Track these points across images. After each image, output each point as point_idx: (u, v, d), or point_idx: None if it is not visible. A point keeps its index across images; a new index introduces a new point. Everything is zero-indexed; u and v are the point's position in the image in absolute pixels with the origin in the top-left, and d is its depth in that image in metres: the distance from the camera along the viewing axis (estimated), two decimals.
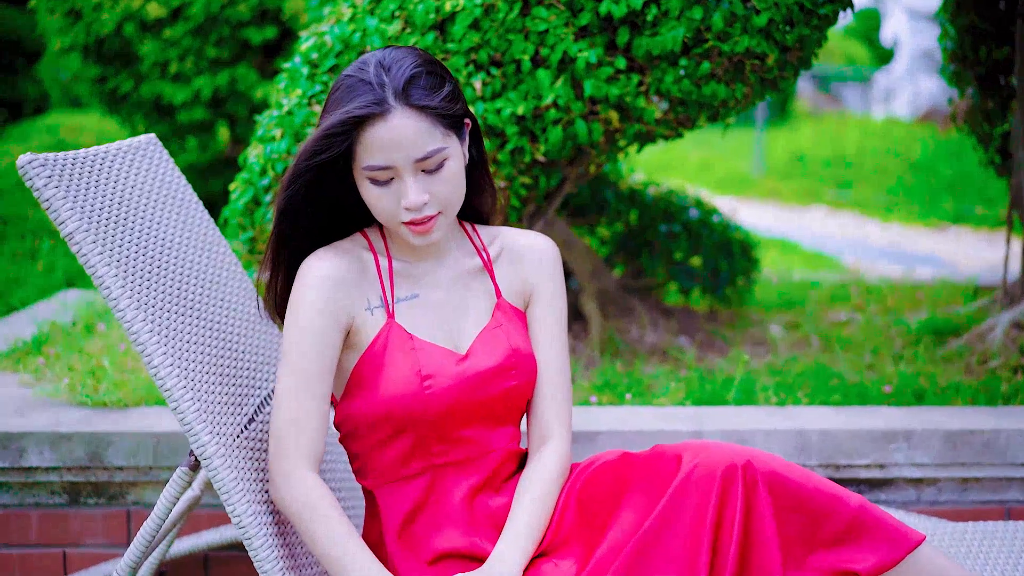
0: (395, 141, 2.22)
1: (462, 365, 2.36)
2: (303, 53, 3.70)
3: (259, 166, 3.66)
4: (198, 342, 2.53)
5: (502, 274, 2.49)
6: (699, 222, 4.75)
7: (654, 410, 3.43)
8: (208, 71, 6.81)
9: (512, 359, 2.39)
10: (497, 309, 2.45)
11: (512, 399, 2.41)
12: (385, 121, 2.21)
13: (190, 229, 2.80)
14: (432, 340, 2.38)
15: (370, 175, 2.26)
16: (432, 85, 2.25)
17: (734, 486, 2.11)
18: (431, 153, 2.24)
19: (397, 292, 2.40)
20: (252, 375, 2.73)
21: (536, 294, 2.49)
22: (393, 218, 2.29)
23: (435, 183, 2.27)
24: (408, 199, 2.25)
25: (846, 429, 3.23)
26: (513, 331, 2.43)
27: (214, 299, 2.73)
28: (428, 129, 2.23)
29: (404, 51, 2.29)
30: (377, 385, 2.33)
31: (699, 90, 3.46)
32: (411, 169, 2.24)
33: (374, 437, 2.37)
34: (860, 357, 4.22)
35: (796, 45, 3.49)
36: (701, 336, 4.55)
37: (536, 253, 2.51)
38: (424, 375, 2.31)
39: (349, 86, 2.26)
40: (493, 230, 2.55)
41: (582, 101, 3.46)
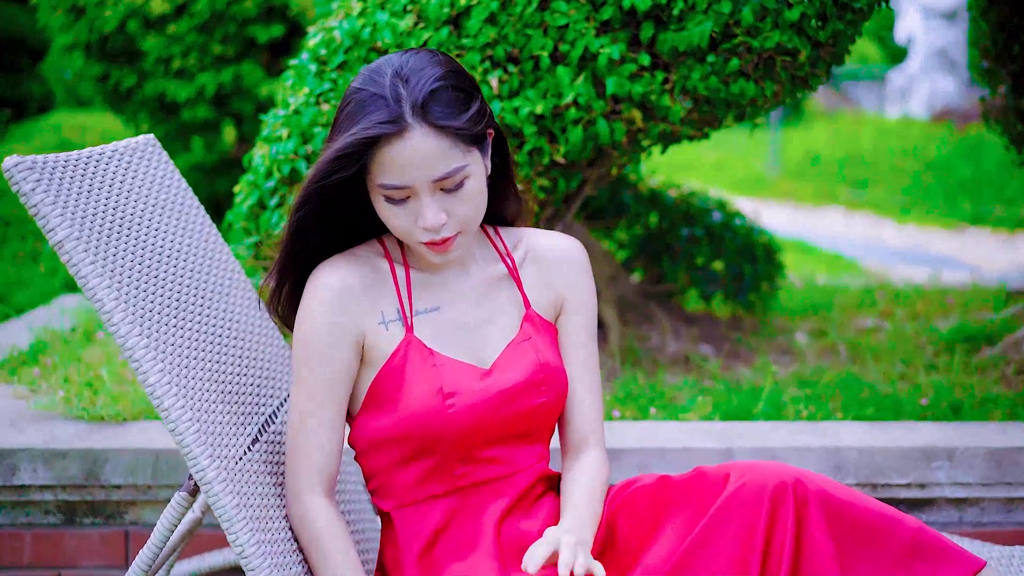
0: (412, 161, 2.06)
1: (486, 381, 2.20)
2: (311, 49, 3.54)
3: (264, 168, 3.50)
4: (198, 357, 2.37)
5: (529, 282, 2.33)
6: (722, 225, 4.57)
7: (680, 425, 3.26)
8: (212, 68, 6.64)
9: (540, 374, 2.24)
10: (525, 321, 2.30)
11: (541, 416, 2.26)
12: (401, 140, 2.05)
13: (190, 235, 2.64)
14: (454, 355, 2.23)
15: (385, 193, 2.11)
16: (455, 102, 2.09)
17: (785, 505, 1.98)
18: (451, 173, 2.08)
19: (416, 304, 2.25)
20: (257, 391, 2.56)
21: (567, 303, 2.35)
22: (410, 236, 2.15)
23: (454, 202, 2.11)
24: (425, 220, 2.10)
25: (884, 447, 3.05)
26: (542, 344, 2.28)
27: (215, 310, 2.57)
28: (448, 148, 2.07)
29: (424, 58, 2.12)
30: (396, 403, 2.19)
31: (727, 88, 3.29)
32: (428, 189, 2.09)
33: (392, 457, 2.23)
34: (891, 367, 4.05)
35: (829, 41, 3.32)
36: (724, 344, 4.38)
37: (564, 258, 2.35)
38: (446, 393, 2.16)
39: (361, 100, 2.09)
40: (515, 232, 2.39)
41: (604, 100, 3.29)
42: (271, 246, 3.51)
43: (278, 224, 3.46)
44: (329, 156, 2.07)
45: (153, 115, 7.01)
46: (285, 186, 3.47)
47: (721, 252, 4.55)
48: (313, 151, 3.42)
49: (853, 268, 8.25)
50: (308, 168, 3.42)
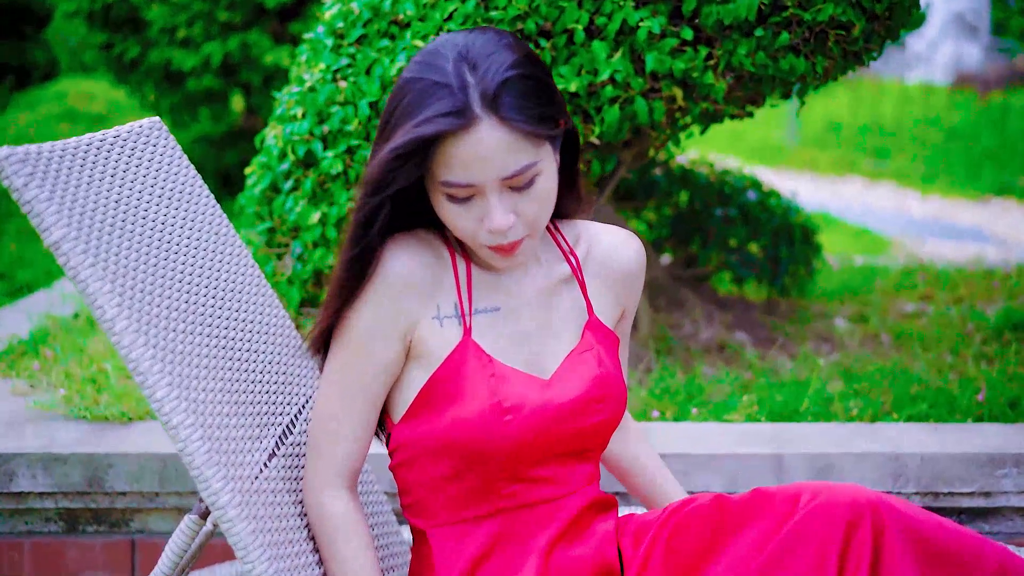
0: (479, 157, 1.82)
1: (546, 394, 1.98)
2: (327, 22, 3.31)
3: (278, 149, 3.28)
4: (209, 366, 2.16)
5: (592, 284, 2.10)
6: (757, 205, 4.34)
7: (725, 427, 3.05)
8: (219, 37, 6.40)
9: (602, 388, 2.02)
10: (588, 329, 2.07)
11: (600, 434, 2.05)
12: (468, 134, 1.81)
13: (199, 229, 2.42)
14: (512, 363, 2.01)
15: (447, 192, 1.87)
16: (530, 92, 1.84)
17: (861, 530, 1.79)
18: (521, 170, 1.84)
19: (476, 302, 2.02)
20: (274, 399, 2.35)
21: (626, 312, 2.16)
22: (473, 238, 1.92)
23: (523, 202, 1.88)
24: (493, 222, 1.86)
25: (947, 452, 2.84)
26: (604, 355, 2.06)
27: (227, 310, 2.35)
28: (519, 143, 1.83)
29: (492, 40, 1.87)
30: (447, 411, 1.97)
31: (775, 64, 3.06)
32: (496, 187, 1.85)
33: (435, 471, 2.01)
34: (939, 357, 3.84)
35: (885, 14, 3.09)
36: (760, 331, 4.16)
37: (631, 269, 2.13)
38: (504, 407, 1.95)
39: (421, 90, 1.84)
40: (574, 225, 2.15)
41: (643, 77, 3.06)
42: (285, 232, 3.30)
43: (292, 209, 3.25)
44: (387, 156, 1.83)
45: (158, 85, 6.78)
46: (300, 168, 3.25)
47: (757, 234, 4.32)
48: (330, 131, 3.20)
49: (883, 243, 8.02)
50: (324, 151, 3.20)
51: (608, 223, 3.86)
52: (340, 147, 3.19)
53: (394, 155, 1.82)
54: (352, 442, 2.03)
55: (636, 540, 2.06)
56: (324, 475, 2.05)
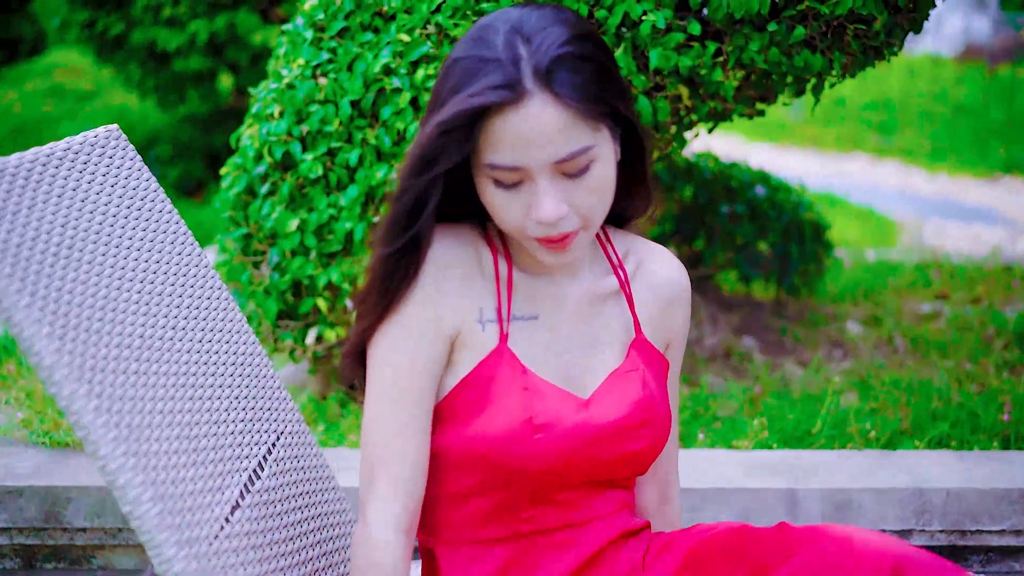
0: (529, 137, 1.61)
1: (582, 414, 1.77)
2: (306, 13, 3.07)
3: (254, 150, 3.05)
4: (165, 410, 1.94)
5: (641, 301, 1.89)
6: (766, 201, 4.11)
7: (734, 456, 2.83)
8: (205, 15, 6.15)
9: (645, 413, 1.80)
10: (633, 348, 1.86)
11: (638, 463, 1.83)
12: (517, 110, 1.60)
13: (159, 250, 2.20)
14: (548, 377, 1.80)
15: (494, 175, 1.66)
16: (588, 70, 1.64)
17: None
18: (575, 153, 1.63)
19: (515, 308, 1.82)
20: (239, 441, 2.14)
21: (673, 341, 1.94)
22: (520, 230, 1.70)
23: (577, 191, 1.66)
24: (542, 211, 1.65)
25: (976, 488, 2.63)
26: (650, 378, 1.85)
27: (189, 343, 2.14)
28: (573, 122, 1.62)
29: (549, 15, 1.67)
30: (474, 422, 1.76)
31: (789, 60, 2.84)
32: (547, 172, 1.64)
33: (454, 485, 1.81)
34: (958, 364, 3.62)
35: (909, 6, 2.85)
36: (768, 335, 3.95)
37: (679, 296, 1.93)
38: (536, 424, 1.74)
39: (469, 68, 1.64)
40: (625, 238, 1.93)
41: (646, 74, 2.83)
42: (262, 239, 3.07)
43: (269, 215, 3.02)
44: (431, 132, 1.64)
45: (143, 65, 6.53)
46: (277, 171, 3.02)
47: (766, 231, 4.09)
48: (309, 131, 2.97)
49: (889, 225, 7.79)
50: (303, 153, 2.97)
51: None
52: (320, 149, 2.96)
53: (441, 129, 1.62)
54: (413, 466, 1.78)
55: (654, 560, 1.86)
56: (383, 511, 1.77)
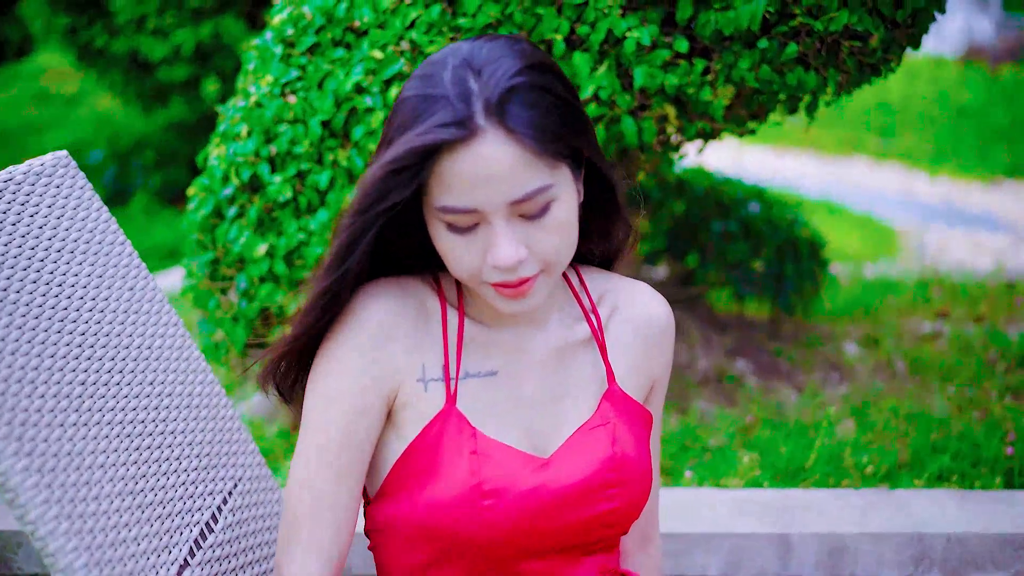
0: (483, 177, 1.49)
1: (540, 476, 1.64)
2: (276, 28, 2.93)
3: (221, 171, 2.91)
4: (106, 464, 1.81)
5: (616, 350, 1.76)
6: (761, 218, 3.97)
7: (723, 495, 2.69)
8: (190, 23, 6.00)
9: (615, 472, 1.66)
10: (605, 400, 1.72)
11: (612, 524, 1.69)
12: (469, 149, 1.49)
13: (108, 286, 2.07)
14: (505, 438, 1.66)
15: (447, 219, 1.53)
16: (544, 104, 1.52)
17: None
18: (532, 194, 1.51)
19: (467, 365, 1.69)
20: (190, 493, 2.01)
21: (658, 384, 1.82)
22: (475, 277, 1.57)
23: (536, 233, 1.54)
24: (499, 256, 1.52)
25: (977, 533, 2.49)
26: (624, 431, 1.70)
27: (137, 386, 2.00)
28: (530, 160, 1.50)
29: (502, 46, 1.56)
30: (421, 491, 1.64)
31: (781, 78, 2.70)
32: (503, 214, 1.52)
33: (410, 558, 1.69)
34: (959, 390, 3.48)
35: (907, 21, 2.71)
36: (762, 356, 3.81)
37: (662, 334, 1.79)
38: (485, 490, 1.60)
39: (420, 103, 1.53)
40: (600, 279, 1.80)
41: (631, 93, 2.69)
42: (229, 264, 2.93)
43: (237, 239, 2.88)
44: (378, 172, 1.52)
45: (126, 73, 6.39)
46: (245, 194, 2.88)
47: (760, 249, 3.95)
48: (277, 152, 2.83)
49: (888, 233, 7.64)
50: (271, 175, 2.83)
51: None
52: (289, 171, 2.82)
53: (388, 169, 1.50)
54: (339, 530, 1.67)
55: None
56: (306, 565, 1.67)
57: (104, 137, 7.40)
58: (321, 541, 1.65)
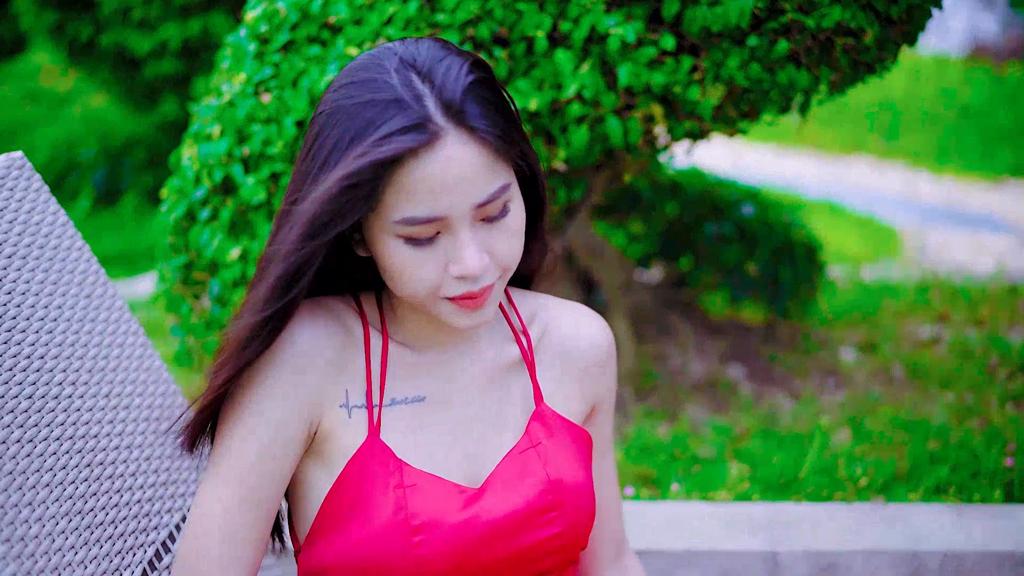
0: (448, 182, 1.41)
1: (471, 509, 1.54)
2: (249, 25, 2.83)
3: (193, 172, 2.81)
4: (53, 483, 1.75)
5: (549, 372, 1.68)
6: (756, 221, 3.86)
7: (712, 509, 2.59)
8: (177, 18, 5.91)
9: (551, 494, 1.58)
10: (534, 420, 1.63)
11: (557, 550, 1.60)
12: (433, 152, 1.39)
13: (64, 292, 1.98)
14: (435, 468, 1.57)
15: (408, 232, 1.43)
16: (495, 101, 1.46)
17: None
18: (496, 193, 1.44)
19: (393, 391, 1.59)
20: (145, 508, 1.92)
21: (601, 405, 1.74)
22: (432, 292, 1.47)
23: (496, 237, 1.47)
24: (466, 264, 1.44)
25: (976, 550, 2.39)
26: (556, 452, 1.62)
27: (91, 399, 1.92)
28: (492, 159, 1.43)
29: (436, 46, 1.48)
30: (350, 531, 1.53)
31: (772, 77, 2.60)
32: (467, 219, 1.44)
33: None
34: (959, 397, 3.38)
35: (902, 17, 2.61)
36: (757, 362, 3.71)
37: (597, 353, 1.72)
38: (414, 525, 1.50)
39: (364, 112, 1.42)
40: (529, 299, 1.73)
41: (615, 92, 2.59)
42: (202, 268, 2.83)
43: (209, 243, 2.78)
44: (332, 190, 1.40)
45: (116, 70, 6.29)
46: (218, 196, 2.79)
47: (754, 252, 3.85)
48: (251, 153, 2.73)
49: (890, 235, 7.54)
50: (245, 176, 2.73)
51: (585, 242, 3.41)
52: (263, 172, 2.72)
53: (347, 184, 1.39)
54: (244, 562, 1.55)
55: None
56: None
57: (95, 136, 7.32)
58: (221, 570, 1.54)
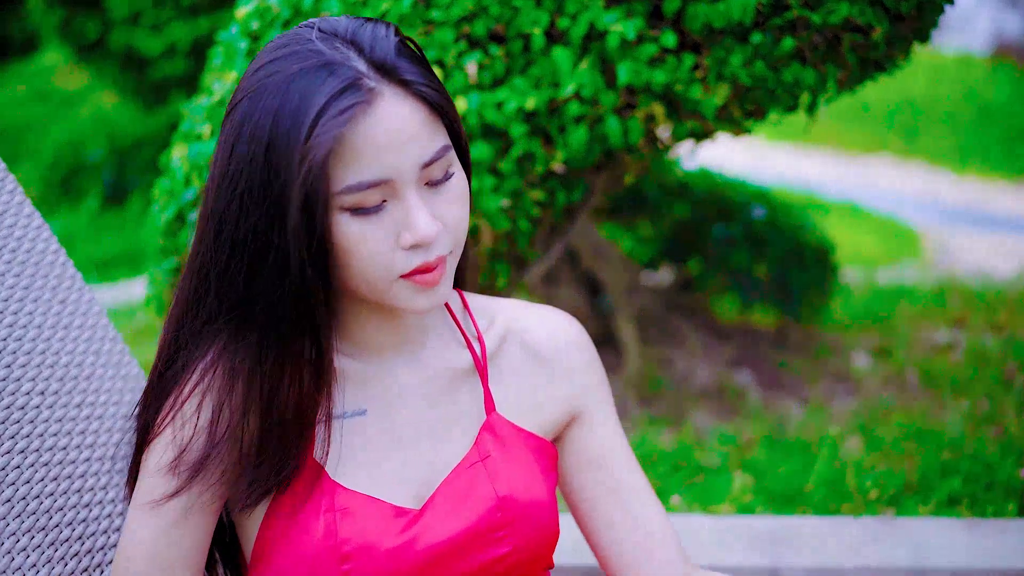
0: (390, 141, 1.33)
1: (410, 532, 1.44)
2: (241, 22, 2.76)
3: (183, 173, 2.74)
4: (15, 499, 1.68)
5: (506, 375, 1.57)
6: (765, 223, 3.77)
7: (711, 523, 2.50)
8: (187, 16, 5.85)
9: (499, 512, 1.47)
10: (484, 431, 1.52)
11: (503, 573, 1.48)
12: (373, 112, 1.32)
13: (35, 298, 1.93)
14: (372, 489, 1.46)
15: (353, 200, 1.33)
16: (421, 59, 1.39)
17: None
18: (440, 152, 1.36)
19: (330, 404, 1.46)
20: (116, 522, 1.85)
21: (586, 411, 1.60)
22: (388, 271, 1.37)
23: (443, 203, 1.39)
24: (418, 228, 1.34)
25: (985, 568, 2.30)
26: (508, 465, 1.51)
27: (64, 407, 1.86)
28: (431, 117, 1.36)
29: (350, 17, 1.40)
30: (282, 556, 1.44)
31: (777, 75, 2.51)
32: (414, 182, 1.35)
33: None
34: (974, 405, 3.29)
35: (913, 13, 2.51)
36: (766, 367, 3.62)
37: (567, 353, 1.60)
38: (343, 552, 1.41)
39: (289, 82, 1.33)
40: (487, 303, 1.63)
41: (615, 91, 2.51)
42: None
43: None
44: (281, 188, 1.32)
45: (123, 69, 6.24)
46: None
47: (763, 255, 3.75)
48: None
49: (910, 236, 7.42)
50: None
51: (590, 244, 3.33)
52: None
53: (294, 175, 1.30)
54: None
55: None
56: None
57: (104, 136, 7.27)
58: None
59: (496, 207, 2.56)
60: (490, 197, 2.55)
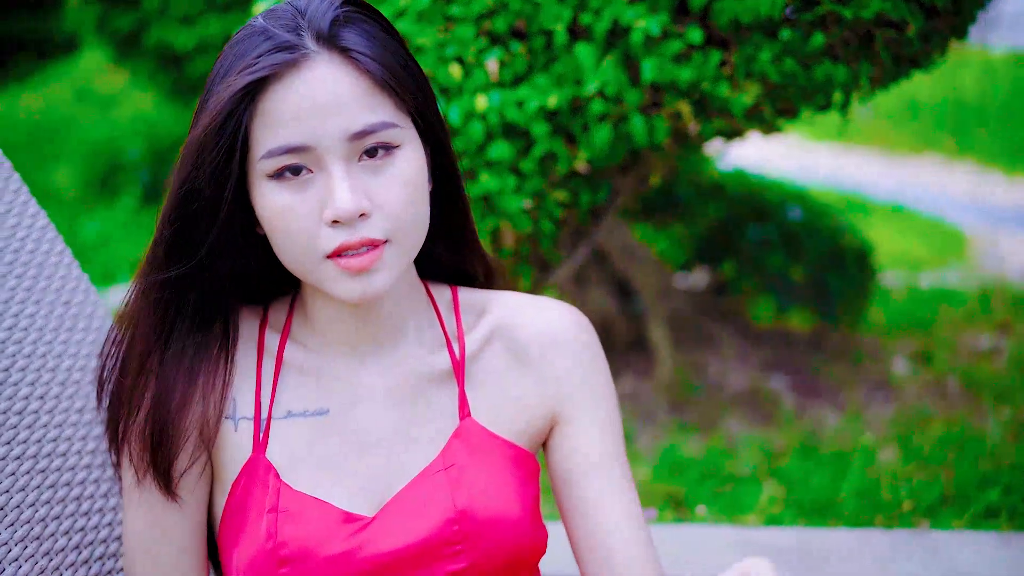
0: (316, 105, 1.29)
1: (355, 540, 1.37)
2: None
3: None
4: (9, 507, 1.64)
5: (488, 376, 1.48)
6: (802, 225, 3.68)
7: (736, 534, 2.43)
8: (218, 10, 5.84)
9: (457, 524, 1.38)
10: (455, 438, 1.44)
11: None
12: (300, 74, 1.29)
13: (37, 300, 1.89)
14: (325, 493, 1.40)
15: (275, 164, 1.30)
16: (379, 37, 1.35)
17: None
18: (374, 127, 1.30)
19: (289, 402, 1.44)
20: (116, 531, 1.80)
21: (564, 415, 1.49)
22: (313, 249, 1.31)
23: (380, 184, 1.32)
24: (337, 201, 1.28)
25: None
26: (474, 476, 1.42)
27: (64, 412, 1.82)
28: (369, 89, 1.31)
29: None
30: (230, 556, 1.41)
31: (807, 72, 2.43)
32: (340, 155, 1.30)
33: None
34: (1015, 414, 3.19)
35: (950, 8, 2.43)
36: (802, 373, 3.53)
37: (558, 340, 1.49)
38: (282, 555, 1.35)
39: (229, 54, 1.34)
40: (482, 296, 1.54)
41: (640, 89, 2.44)
42: None
43: None
44: (198, 137, 1.31)
45: (162, 67, 6.23)
46: None
47: (800, 257, 3.66)
48: None
49: (958, 239, 7.28)
50: None
51: (621, 245, 3.26)
52: None
53: (209, 126, 1.30)
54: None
55: None
56: None
57: (142, 135, 7.28)
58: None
59: (518, 208, 2.50)
60: (511, 198, 2.49)
